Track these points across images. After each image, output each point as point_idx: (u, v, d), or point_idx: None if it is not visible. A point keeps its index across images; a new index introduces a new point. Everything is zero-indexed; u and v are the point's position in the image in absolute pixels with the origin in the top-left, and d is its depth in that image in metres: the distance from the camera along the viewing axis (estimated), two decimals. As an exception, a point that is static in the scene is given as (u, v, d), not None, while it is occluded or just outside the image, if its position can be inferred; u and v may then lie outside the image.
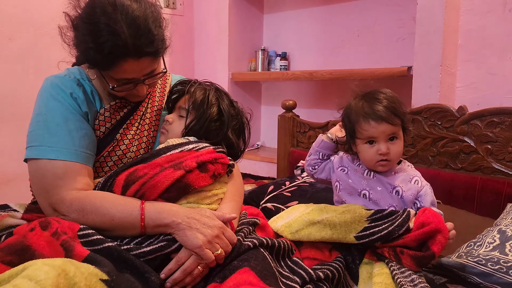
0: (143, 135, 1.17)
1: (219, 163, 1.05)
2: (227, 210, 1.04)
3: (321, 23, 2.55)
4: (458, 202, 1.50)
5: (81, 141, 1.02)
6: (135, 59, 0.99)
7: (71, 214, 0.93)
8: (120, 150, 1.11)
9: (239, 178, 1.22)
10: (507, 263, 0.98)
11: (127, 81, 1.04)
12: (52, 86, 1.04)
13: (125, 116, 1.15)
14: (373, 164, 1.10)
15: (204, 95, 1.13)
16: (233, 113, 1.16)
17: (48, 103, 1.03)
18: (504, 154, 1.44)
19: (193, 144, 1.06)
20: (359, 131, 1.09)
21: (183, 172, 0.96)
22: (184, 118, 1.12)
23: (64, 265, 0.69)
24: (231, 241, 0.92)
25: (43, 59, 2.20)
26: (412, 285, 0.91)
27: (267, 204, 1.46)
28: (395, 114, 1.06)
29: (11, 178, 2.15)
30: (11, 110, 2.13)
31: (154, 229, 0.91)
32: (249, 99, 2.87)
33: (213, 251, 0.87)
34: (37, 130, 1.01)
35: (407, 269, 0.97)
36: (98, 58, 0.98)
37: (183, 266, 0.87)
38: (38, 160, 0.98)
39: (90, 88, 1.09)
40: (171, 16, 2.93)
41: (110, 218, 0.91)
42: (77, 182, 0.98)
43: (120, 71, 1.01)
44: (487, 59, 1.74)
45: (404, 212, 1.02)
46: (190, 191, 0.99)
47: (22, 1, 2.14)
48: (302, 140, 2.07)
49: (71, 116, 1.02)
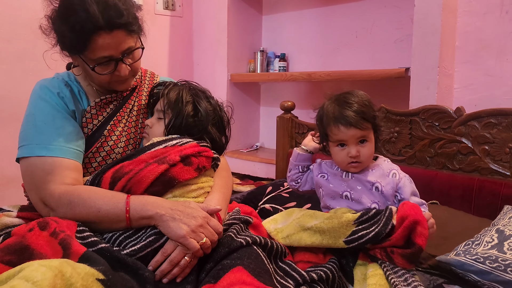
0: (130, 132, 1.20)
1: (203, 156, 1.07)
2: (213, 201, 1.06)
3: (319, 25, 2.55)
4: (456, 203, 1.51)
5: (68, 138, 1.05)
6: (107, 32, 1.01)
7: (60, 208, 0.96)
8: (108, 146, 1.14)
9: (226, 171, 1.24)
10: (505, 261, 0.98)
11: (105, 59, 1.05)
12: (40, 88, 1.09)
13: (112, 112, 1.17)
14: (345, 165, 1.13)
15: (178, 94, 1.15)
16: (210, 109, 1.17)
17: (36, 104, 1.07)
18: (502, 155, 1.44)
19: (176, 139, 1.09)
20: (329, 135, 1.12)
21: (167, 166, 0.99)
22: (162, 119, 1.15)
23: (60, 266, 0.69)
24: (217, 230, 0.93)
25: (42, 61, 2.17)
26: (405, 284, 0.92)
27: (265, 205, 1.46)
28: (364, 118, 1.08)
29: (10, 180, 2.15)
30: (9, 112, 2.13)
31: (139, 221, 0.93)
32: (248, 100, 2.88)
33: (198, 240, 0.89)
34: (27, 130, 1.05)
35: (400, 268, 0.97)
36: (73, 40, 1.01)
37: (170, 257, 0.89)
38: (28, 158, 1.02)
39: (77, 88, 1.14)
40: (170, 18, 2.93)
41: (96, 210, 0.94)
42: (65, 177, 1.01)
43: (96, 48, 1.02)
44: (484, 61, 1.75)
45: (386, 211, 1.03)
46: (175, 185, 1.01)
47: (20, 3, 2.15)
48: (300, 141, 2.07)
49: (58, 114, 1.06)
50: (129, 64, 1.10)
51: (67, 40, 1.02)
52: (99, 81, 1.10)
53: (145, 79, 1.29)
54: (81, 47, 1.02)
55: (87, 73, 1.10)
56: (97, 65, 1.05)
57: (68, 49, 1.06)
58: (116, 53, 1.05)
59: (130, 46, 1.07)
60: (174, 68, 2.98)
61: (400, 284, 0.91)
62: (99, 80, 1.10)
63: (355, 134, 1.08)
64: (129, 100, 1.21)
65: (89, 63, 1.05)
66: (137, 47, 1.10)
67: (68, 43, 1.03)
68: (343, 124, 1.08)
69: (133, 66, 1.12)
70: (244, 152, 2.76)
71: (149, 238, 0.91)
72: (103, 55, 1.04)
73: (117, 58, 1.06)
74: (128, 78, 1.13)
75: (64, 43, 1.05)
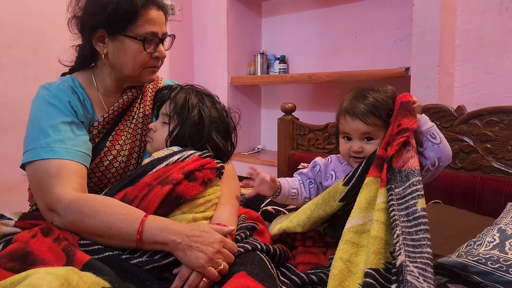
0: (135, 140, 1.19)
1: (207, 169, 1.04)
2: (224, 216, 1.03)
3: (319, 26, 2.55)
4: (459, 201, 1.50)
5: (75, 140, 1.03)
6: (157, 9, 1.10)
7: (68, 216, 0.92)
8: (107, 160, 1.12)
9: (233, 179, 1.21)
10: (507, 261, 0.98)
11: (153, 35, 1.10)
12: (47, 93, 1.07)
13: (117, 119, 1.16)
14: (347, 159, 1.11)
15: (185, 99, 1.13)
16: (215, 115, 1.15)
17: (42, 108, 1.05)
18: (504, 152, 1.44)
19: (178, 154, 1.05)
20: (338, 124, 1.12)
21: (171, 187, 0.96)
22: (167, 124, 1.13)
23: (67, 275, 0.68)
24: (232, 251, 0.91)
25: (43, 67, 2.21)
26: (405, 220, 0.86)
27: (267, 207, 1.46)
28: (374, 113, 1.04)
29: (13, 186, 2.16)
30: (11, 118, 2.13)
31: (152, 245, 0.88)
32: (249, 102, 2.88)
33: (216, 267, 0.86)
34: (32, 134, 1.02)
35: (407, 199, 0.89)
36: (127, 9, 1.05)
37: (188, 282, 0.86)
38: (33, 163, 0.99)
39: (82, 96, 1.12)
40: (170, 22, 2.94)
41: (108, 226, 0.89)
42: (71, 181, 0.97)
43: (147, 21, 1.08)
44: (484, 59, 1.75)
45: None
46: (182, 202, 0.98)
47: (21, 9, 2.15)
48: (302, 142, 2.07)
49: (66, 118, 1.04)
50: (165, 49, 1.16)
51: (121, 8, 1.04)
52: (134, 63, 1.11)
53: (149, 84, 1.28)
54: (134, 16, 1.06)
55: (121, 57, 1.10)
56: (146, 40, 1.09)
57: (117, 21, 1.07)
58: (160, 32, 1.11)
59: (166, 31, 1.15)
60: (175, 73, 2.98)
61: (400, 219, 0.86)
62: (136, 62, 1.11)
63: (359, 128, 1.05)
64: (131, 108, 1.20)
65: (138, 37, 1.08)
66: (171, 35, 1.19)
67: (122, 12, 1.05)
68: (350, 115, 1.06)
69: (165, 53, 1.17)
70: (245, 154, 2.76)
71: (159, 254, 0.89)
72: (152, 30, 1.09)
73: (160, 38, 1.12)
74: (158, 66, 1.18)
75: (116, 13, 1.05)
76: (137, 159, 1.20)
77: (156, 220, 0.90)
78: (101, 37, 1.10)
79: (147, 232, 0.87)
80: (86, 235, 0.92)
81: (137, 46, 1.09)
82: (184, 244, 0.86)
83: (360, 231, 0.92)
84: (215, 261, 0.86)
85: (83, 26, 1.10)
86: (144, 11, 1.07)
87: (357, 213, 0.94)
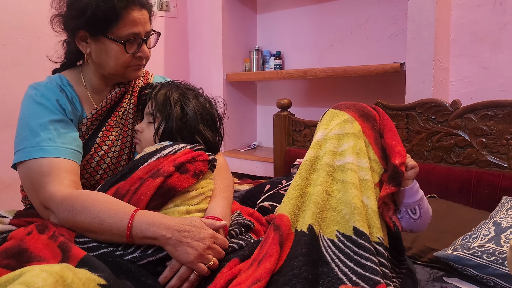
0: (126, 135, 1.19)
1: (199, 161, 1.04)
2: (217, 209, 1.04)
3: (314, 22, 2.55)
4: (454, 196, 1.51)
5: (65, 138, 1.03)
6: (139, 8, 1.07)
7: (61, 213, 0.92)
8: (98, 156, 1.12)
9: (226, 171, 1.21)
10: (502, 254, 0.98)
11: (134, 36, 1.07)
12: (35, 93, 1.07)
13: (106, 115, 1.16)
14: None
15: (165, 95, 1.12)
16: (198, 107, 1.14)
17: (30, 108, 1.05)
18: (499, 146, 1.45)
19: (169, 148, 1.05)
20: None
21: (162, 179, 0.96)
22: (152, 123, 1.12)
23: (62, 271, 0.68)
24: (223, 247, 0.92)
25: (37, 65, 2.19)
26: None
27: (264, 203, 1.46)
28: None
29: (8, 184, 2.15)
30: (5, 117, 2.12)
31: (142, 240, 0.88)
32: (245, 99, 2.87)
33: (206, 262, 0.87)
34: (22, 134, 1.02)
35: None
36: (107, 11, 1.03)
37: (179, 273, 0.87)
38: (24, 163, 0.99)
39: (70, 93, 1.12)
40: (165, 19, 2.93)
41: (99, 222, 0.89)
42: (64, 179, 0.97)
43: (128, 22, 1.06)
44: (479, 53, 1.75)
45: None
46: (174, 194, 0.98)
47: (15, 7, 2.14)
48: (298, 138, 2.07)
49: (55, 116, 1.04)
50: (148, 47, 1.14)
51: (101, 12, 1.02)
52: (117, 64, 1.09)
53: (139, 79, 1.27)
54: (115, 19, 1.04)
55: (103, 58, 1.09)
56: (128, 42, 1.07)
57: (98, 24, 1.05)
58: (143, 32, 1.09)
59: (151, 29, 1.13)
60: (171, 70, 2.97)
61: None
62: (118, 63, 1.09)
63: None
64: (120, 103, 1.19)
65: (119, 40, 1.07)
66: (156, 32, 1.16)
67: (101, 15, 1.03)
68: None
69: (149, 52, 1.15)
70: (241, 151, 2.76)
71: (152, 248, 0.89)
72: (133, 31, 1.07)
73: (142, 38, 1.10)
74: (143, 64, 1.16)
75: (95, 17, 1.03)
76: (129, 154, 1.20)
77: (146, 215, 0.90)
78: (83, 36, 1.09)
79: (137, 227, 0.87)
80: (80, 231, 0.93)
81: (118, 48, 1.07)
82: (174, 239, 0.86)
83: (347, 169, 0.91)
84: (205, 257, 0.87)
85: (66, 25, 1.10)
86: (126, 12, 1.04)
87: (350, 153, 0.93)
